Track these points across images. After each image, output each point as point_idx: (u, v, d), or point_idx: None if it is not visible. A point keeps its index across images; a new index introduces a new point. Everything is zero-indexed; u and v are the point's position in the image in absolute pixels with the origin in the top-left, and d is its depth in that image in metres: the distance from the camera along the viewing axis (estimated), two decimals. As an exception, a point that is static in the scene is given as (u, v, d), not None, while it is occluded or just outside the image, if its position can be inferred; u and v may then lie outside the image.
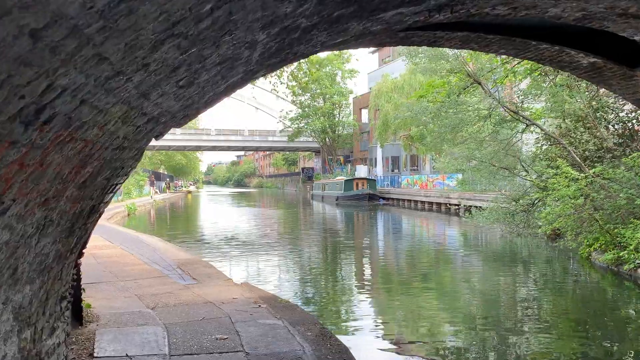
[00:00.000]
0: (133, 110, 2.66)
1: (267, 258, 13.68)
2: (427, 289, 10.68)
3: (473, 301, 10.14)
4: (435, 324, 8.16)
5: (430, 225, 25.93)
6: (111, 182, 3.60)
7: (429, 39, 6.57)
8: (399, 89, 39.60)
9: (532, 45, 6.80)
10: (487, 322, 8.64)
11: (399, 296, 9.86)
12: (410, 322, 8.19)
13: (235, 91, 4.47)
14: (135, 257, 10.78)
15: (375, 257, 15.21)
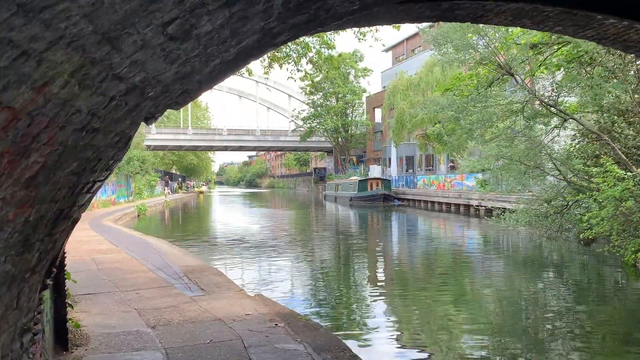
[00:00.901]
0: (95, 65, 1.74)
1: (281, 264, 12.76)
2: (455, 299, 9.70)
3: (504, 310, 9.24)
4: (473, 339, 7.21)
5: (449, 227, 24.86)
6: (84, 179, 2.69)
7: (476, 12, 5.59)
8: (415, 87, 38.53)
9: (596, 20, 5.77)
10: (516, 332, 7.78)
11: (424, 306, 8.89)
12: (440, 336, 7.23)
13: (249, 62, 3.53)
14: (140, 263, 9.93)
15: (396, 262, 14.23)
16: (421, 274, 12.26)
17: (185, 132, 71.41)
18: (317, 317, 7.27)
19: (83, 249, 12.07)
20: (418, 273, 12.30)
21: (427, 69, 37.64)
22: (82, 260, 10.42)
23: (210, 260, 12.90)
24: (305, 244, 17.37)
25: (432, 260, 14.74)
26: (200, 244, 17.47)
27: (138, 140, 42.47)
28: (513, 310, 9.21)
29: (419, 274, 12.13)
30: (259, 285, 9.78)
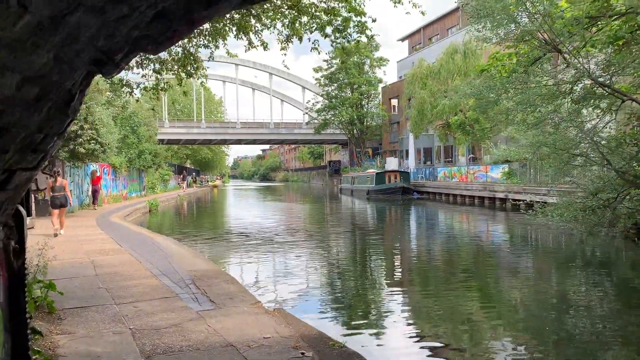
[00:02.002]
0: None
1: (300, 265, 11.57)
2: (501, 307, 8.43)
3: (535, 310, 8.18)
4: (504, 342, 6.00)
5: (474, 221, 23.46)
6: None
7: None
8: (435, 75, 36.97)
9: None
10: (550, 336, 6.76)
11: (465, 314, 7.64)
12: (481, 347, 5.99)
13: None
14: (143, 267, 8.80)
15: (423, 261, 12.94)
16: (454, 271, 11.00)
17: (199, 126, 70.57)
18: (348, 336, 6.03)
19: (84, 250, 11.01)
20: (452, 271, 11.03)
21: (448, 56, 36.07)
22: (79, 263, 9.34)
23: (222, 262, 11.76)
24: (323, 242, 16.19)
25: (456, 256, 13.45)
26: (212, 241, 16.38)
27: (150, 134, 41.58)
28: (547, 311, 8.08)
29: (453, 273, 10.87)
30: (276, 293, 8.59)
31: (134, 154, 35.19)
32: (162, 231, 19.51)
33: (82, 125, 18.75)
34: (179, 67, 8.75)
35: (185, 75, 9.05)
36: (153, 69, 8.82)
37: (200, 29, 7.87)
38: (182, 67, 8.76)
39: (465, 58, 35.26)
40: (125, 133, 33.82)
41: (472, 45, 35.25)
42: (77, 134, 18.58)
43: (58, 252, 10.69)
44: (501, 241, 17.13)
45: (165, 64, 8.58)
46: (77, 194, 23.69)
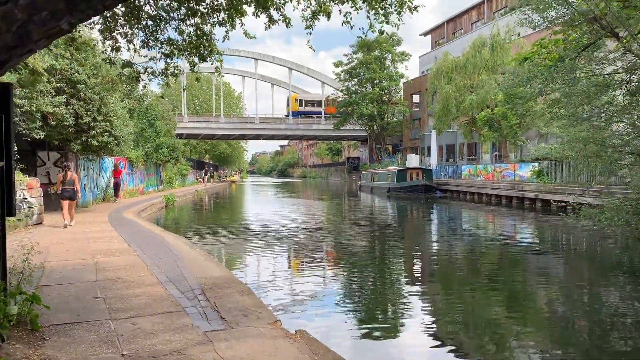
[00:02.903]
0: None
1: (321, 274, 10.60)
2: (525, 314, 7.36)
3: (569, 319, 7.46)
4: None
5: (502, 221, 22.20)
6: None
7: None
8: (461, 69, 35.60)
9: None
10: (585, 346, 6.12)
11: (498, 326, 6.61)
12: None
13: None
14: (149, 271, 7.92)
15: (455, 266, 11.86)
16: (490, 277, 9.93)
17: (218, 121, 70.01)
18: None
19: (90, 249, 10.20)
20: (490, 278, 9.96)
21: (475, 49, 34.68)
22: (82, 265, 8.50)
23: (235, 266, 10.85)
24: (344, 243, 15.20)
25: (487, 259, 12.34)
26: (227, 241, 15.52)
27: (168, 127, 41.03)
28: (579, 321, 7.30)
29: (489, 278, 9.80)
30: (297, 307, 7.61)
31: (151, 148, 34.59)
32: (177, 228, 18.74)
33: (95, 117, 18.03)
34: (191, 50, 7.82)
35: (198, 59, 8.12)
36: (162, 52, 7.91)
37: (216, 3, 6.93)
38: (194, 49, 7.82)
39: (493, 52, 33.86)
40: (143, 126, 33.23)
41: (500, 38, 33.86)
42: (90, 125, 17.85)
43: (62, 252, 9.91)
44: (530, 243, 15.98)
45: (176, 45, 7.65)
46: (91, 188, 23.07)
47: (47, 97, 16.64)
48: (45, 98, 16.53)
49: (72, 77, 17.44)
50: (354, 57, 62.87)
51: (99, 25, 6.93)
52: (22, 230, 13.03)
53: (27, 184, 13.77)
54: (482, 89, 32.62)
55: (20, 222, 13.19)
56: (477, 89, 33.55)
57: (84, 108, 17.67)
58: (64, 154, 19.40)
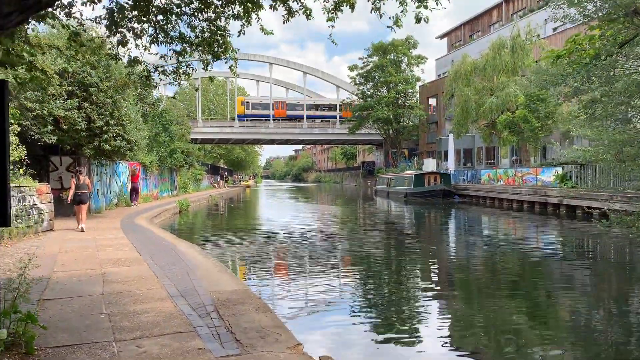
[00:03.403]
0: None
1: (344, 286, 9.99)
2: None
3: (595, 330, 6.80)
4: None
5: (524, 228, 21.37)
6: None
7: None
8: (480, 72, 34.82)
9: None
10: None
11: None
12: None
13: None
14: (159, 284, 7.40)
15: (484, 276, 11.17)
16: (517, 287, 9.26)
17: (232, 125, 69.90)
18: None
19: (99, 258, 9.73)
20: (516, 287, 9.28)
21: (494, 51, 33.89)
22: (88, 276, 8.01)
23: (251, 277, 10.30)
24: (364, 251, 14.59)
25: (513, 266, 11.64)
26: (242, 249, 15.01)
27: (183, 132, 40.81)
28: (608, 333, 6.80)
29: (515, 288, 9.13)
30: (319, 326, 7.03)
31: (165, 153, 34.32)
32: (190, 235, 18.29)
33: (108, 120, 17.67)
34: (204, 47, 7.31)
35: (212, 56, 7.61)
36: (173, 49, 7.42)
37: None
38: (207, 46, 7.32)
39: (513, 53, 33.06)
40: (157, 131, 32.98)
41: (520, 39, 33.05)
42: (102, 130, 17.50)
43: (69, 261, 9.46)
44: (555, 250, 15.24)
45: (188, 42, 7.15)
46: (104, 193, 22.75)
47: (58, 101, 16.33)
48: (57, 101, 16.21)
49: (85, 80, 17.12)
50: (369, 61, 62.29)
51: (105, 20, 6.46)
52: (31, 237, 12.64)
53: (37, 190, 13.39)
54: (502, 92, 31.83)
55: (30, 228, 12.80)
56: (497, 91, 32.76)
57: (96, 112, 17.33)
58: (77, 158, 19.08)
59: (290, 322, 6.56)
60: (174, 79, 7.61)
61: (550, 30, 45.06)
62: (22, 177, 13.16)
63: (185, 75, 7.59)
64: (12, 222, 11.97)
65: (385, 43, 60.87)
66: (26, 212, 12.68)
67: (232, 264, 11.93)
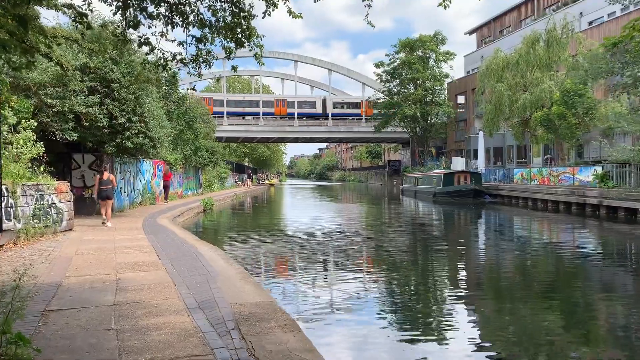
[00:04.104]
0: None
1: (377, 295, 9.21)
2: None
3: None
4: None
5: (564, 229, 20.19)
6: None
7: None
8: (513, 67, 33.48)
9: None
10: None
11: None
12: None
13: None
14: (176, 293, 6.74)
15: (520, 281, 10.24)
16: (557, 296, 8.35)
17: (257, 124, 69.55)
18: None
19: (115, 262, 9.16)
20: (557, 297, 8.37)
21: (528, 46, 32.50)
22: (102, 283, 7.41)
23: (275, 284, 9.58)
24: (395, 256, 13.78)
25: (549, 269, 10.67)
26: (267, 252, 14.36)
27: (208, 130, 40.52)
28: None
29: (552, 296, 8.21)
30: (353, 346, 6.26)
31: (190, 151, 33.99)
32: (214, 234, 17.74)
33: (130, 117, 17.21)
34: (226, 32, 6.62)
35: (235, 44, 6.91)
36: (192, 36, 6.74)
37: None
38: (229, 31, 6.62)
39: (548, 48, 31.65)
40: (181, 128, 32.64)
41: (556, 33, 31.63)
42: (124, 126, 17.05)
43: (84, 264, 8.90)
44: (594, 253, 14.17)
45: (207, 26, 6.47)
46: (127, 191, 22.39)
47: (80, 97, 15.92)
48: (78, 98, 15.81)
49: (106, 75, 16.69)
50: (395, 57, 61.13)
51: (116, 1, 5.82)
52: (49, 238, 12.19)
53: (56, 188, 12.95)
54: (537, 88, 30.49)
55: (48, 228, 12.36)
56: (531, 87, 31.41)
57: (118, 108, 16.88)
58: (99, 156, 18.71)
59: (321, 342, 5.80)
60: (193, 68, 6.93)
61: (586, 24, 43.29)
62: (40, 175, 12.72)
63: (206, 64, 6.90)
64: (29, 222, 11.55)
65: (412, 39, 59.64)
66: (44, 211, 12.24)
67: (256, 269, 11.25)
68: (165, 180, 28.42)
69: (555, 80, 31.23)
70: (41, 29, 8.84)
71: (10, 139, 11.95)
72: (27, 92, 14.46)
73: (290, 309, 7.23)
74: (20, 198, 11.24)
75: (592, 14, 43.98)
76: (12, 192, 10.89)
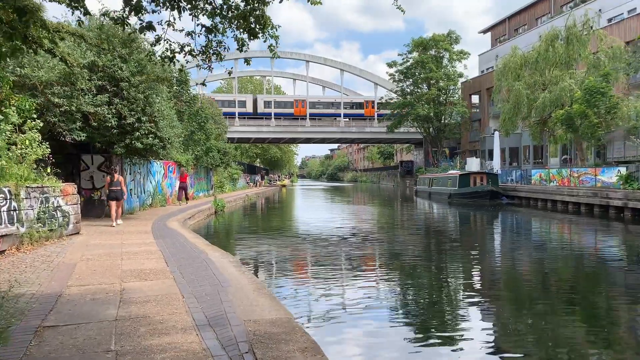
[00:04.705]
0: None
1: (405, 309, 8.58)
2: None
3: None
4: None
5: (586, 232, 19.36)
6: None
7: None
8: (532, 65, 32.60)
9: None
10: None
11: None
12: None
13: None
14: (184, 307, 6.16)
15: (545, 287, 9.54)
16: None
17: (268, 124, 69.14)
18: None
19: (121, 269, 8.62)
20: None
21: (547, 43, 31.60)
22: (105, 293, 6.87)
23: (292, 295, 8.96)
24: (416, 263, 13.12)
25: (572, 273, 9.96)
26: (280, 256, 13.79)
27: (219, 131, 40.12)
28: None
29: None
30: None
31: (201, 152, 33.56)
32: (225, 237, 17.21)
33: (140, 117, 16.72)
34: (238, 21, 6.04)
35: (248, 34, 6.33)
36: (202, 25, 6.18)
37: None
38: (242, 21, 6.04)
39: (567, 45, 30.74)
40: (192, 129, 32.22)
41: (576, 29, 30.72)
42: (133, 127, 16.56)
43: (88, 272, 8.37)
44: (619, 258, 13.40)
45: (218, 14, 5.90)
46: (137, 193, 21.95)
47: (88, 96, 15.47)
48: (86, 97, 15.35)
49: (115, 74, 16.22)
50: (408, 57, 60.34)
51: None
52: (54, 242, 11.71)
53: (63, 190, 12.47)
54: (557, 86, 29.60)
55: (53, 232, 11.88)
56: (550, 85, 30.52)
57: (127, 108, 16.41)
58: (108, 157, 18.26)
59: None
60: (203, 61, 6.36)
61: (605, 22, 42.23)
62: (46, 177, 12.25)
63: (217, 55, 6.33)
64: (33, 226, 11.08)
65: (425, 38, 58.83)
66: (49, 214, 11.76)
67: (270, 277, 10.66)
68: (182, 182, 28.32)
69: (575, 78, 30.30)
70: (43, 22, 8.30)
71: (14, 139, 11.48)
72: (33, 91, 14.02)
73: (310, 327, 6.63)
74: (24, 201, 10.76)
75: (611, 10, 42.92)
76: (15, 194, 10.42)
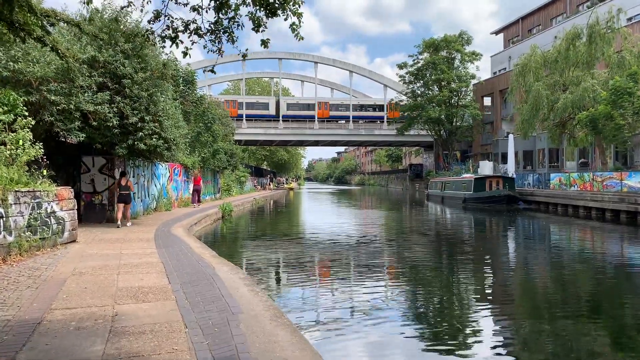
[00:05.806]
0: None
1: (431, 342, 7.45)
2: None
3: None
4: None
5: (614, 240, 18.08)
6: None
7: None
8: (551, 64, 31.34)
9: None
10: None
11: None
12: None
13: None
14: (186, 342, 5.05)
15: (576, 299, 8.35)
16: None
17: (276, 126, 68.10)
18: None
19: (115, 286, 7.52)
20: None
21: (568, 42, 30.35)
22: (93, 320, 5.76)
23: (314, 325, 7.81)
24: (443, 275, 11.98)
25: (599, 282, 8.79)
26: (294, 269, 12.70)
27: (226, 132, 39.12)
28: None
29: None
30: None
31: (208, 154, 32.53)
32: (233, 245, 16.13)
33: (143, 116, 15.68)
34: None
35: (266, 12, 5.23)
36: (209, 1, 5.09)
37: None
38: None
39: (590, 44, 29.48)
40: (199, 130, 31.20)
41: (599, 27, 29.45)
42: (136, 126, 15.52)
43: (77, 290, 7.27)
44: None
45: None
46: (142, 197, 20.89)
47: (87, 94, 14.44)
48: (85, 94, 14.32)
49: (117, 70, 15.19)
50: (419, 58, 59.15)
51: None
52: (47, 252, 10.65)
53: (57, 194, 11.42)
54: (578, 87, 28.35)
55: (46, 241, 10.82)
56: (572, 86, 29.27)
57: (129, 106, 15.36)
58: (110, 159, 17.24)
59: None
60: (211, 42, 5.26)
61: (625, 21, 40.91)
62: (40, 180, 11.21)
63: (228, 35, 5.23)
64: (21, 235, 10.04)
65: (436, 39, 57.64)
66: (42, 221, 10.70)
67: (286, 297, 9.54)
68: (196, 185, 28.37)
69: (597, 79, 29.03)
70: (30, 5, 7.25)
71: (2, 138, 10.45)
72: (27, 87, 13.01)
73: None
74: (12, 207, 9.71)
75: (631, 9, 41.56)
76: (2, 199, 9.37)
